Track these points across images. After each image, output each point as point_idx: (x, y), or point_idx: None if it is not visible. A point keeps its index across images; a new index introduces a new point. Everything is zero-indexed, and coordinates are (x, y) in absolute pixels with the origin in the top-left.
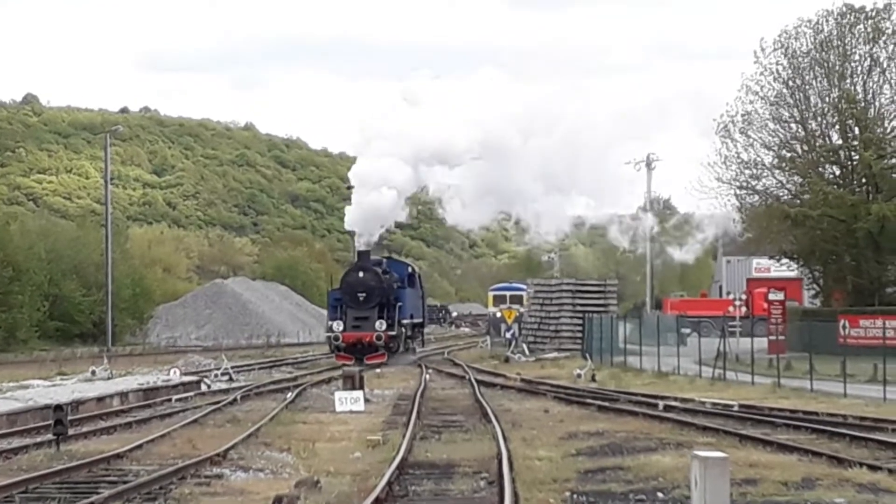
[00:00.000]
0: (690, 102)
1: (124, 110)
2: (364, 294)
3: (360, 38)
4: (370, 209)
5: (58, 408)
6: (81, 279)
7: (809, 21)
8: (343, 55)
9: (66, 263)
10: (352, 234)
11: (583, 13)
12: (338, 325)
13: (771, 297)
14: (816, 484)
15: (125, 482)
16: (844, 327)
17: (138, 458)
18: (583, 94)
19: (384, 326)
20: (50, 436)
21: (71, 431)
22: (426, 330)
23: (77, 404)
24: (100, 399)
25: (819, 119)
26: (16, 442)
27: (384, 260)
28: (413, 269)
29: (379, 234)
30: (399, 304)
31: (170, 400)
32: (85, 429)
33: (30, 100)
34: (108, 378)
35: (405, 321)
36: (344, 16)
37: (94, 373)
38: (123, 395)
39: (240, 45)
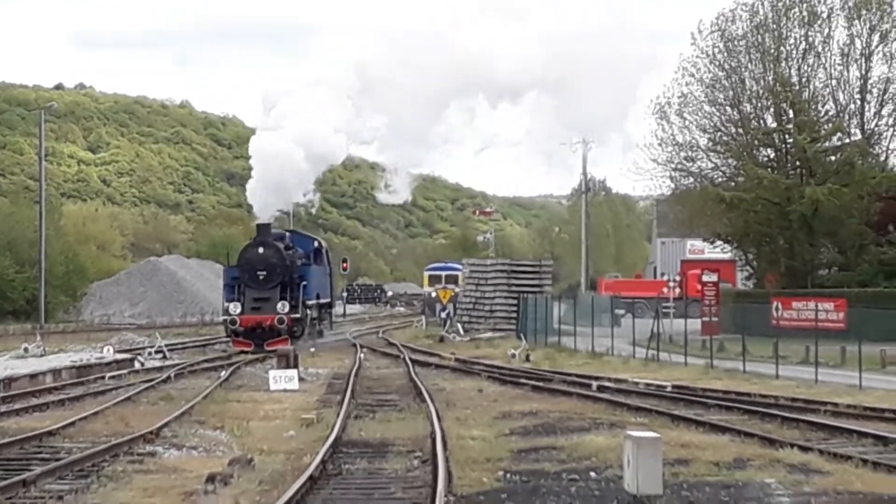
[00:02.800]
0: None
1: (59, 87)
2: (264, 272)
3: (298, 18)
4: (272, 181)
5: None
6: (14, 256)
7: (746, 4)
8: (280, 34)
9: (0, 240)
10: (251, 209)
11: None
12: (235, 308)
13: (705, 278)
14: (748, 464)
15: (57, 459)
16: (777, 309)
17: (71, 435)
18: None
19: (287, 308)
20: None
21: (3, 408)
22: (347, 311)
23: (9, 381)
24: (32, 376)
25: (754, 102)
26: None
27: (287, 234)
28: (320, 244)
29: (282, 208)
30: (304, 282)
31: (103, 377)
32: (17, 406)
33: None
34: (41, 355)
35: (311, 302)
36: None
37: (26, 350)
38: (56, 373)
39: (177, 23)
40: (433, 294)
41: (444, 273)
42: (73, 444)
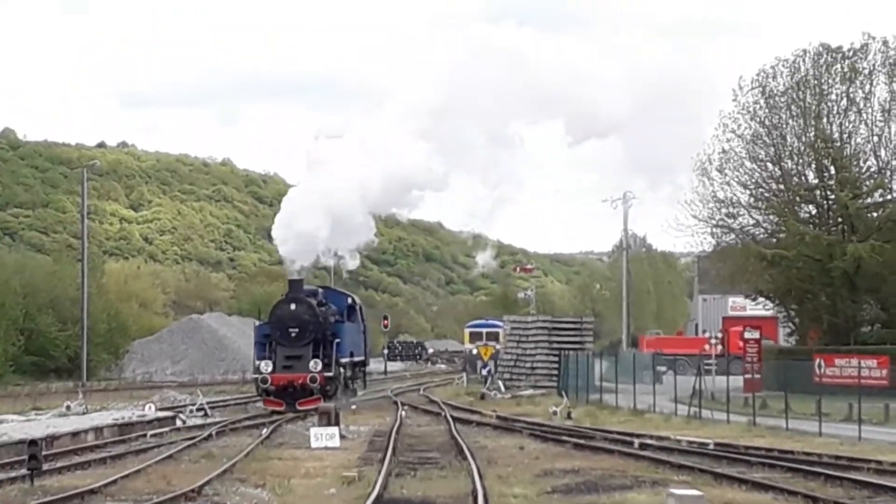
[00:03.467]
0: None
1: (101, 145)
2: (296, 329)
3: (336, 76)
4: (302, 232)
5: (32, 443)
6: (57, 314)
7: (786, 61)
8: (320, 91)
9: (42, 298)
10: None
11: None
12: (266, 366)
13: (747, 335)
14: None
15: None
16: (820, 366)
17: (113, 493)
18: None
19: (319, 367)
20: (24, 471)
21: (45, 466)
22: (369, 368)
23: (52, 439)
24: (74, 434)
25: (795, 158)
26: None
27: (320, 290)
28: (353, 300)
29: (315, 261)
30: (337, 340)
31: (145, 435)
32: (59, 464)
33: (7, 133)
34: (83, 413)
35: (344, 360)
36: (321, 53)
37: (68, 408)
38: (98, 431)
39: (218, 81)
40: (474, 351)
41: (484, 330)
42: (115, 503)
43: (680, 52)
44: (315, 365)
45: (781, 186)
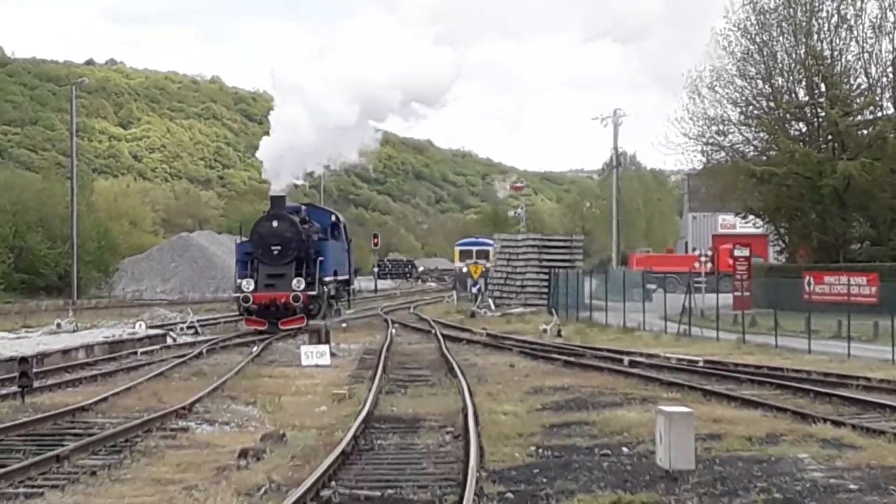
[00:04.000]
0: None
1: (90, 62)
2: (278, 247)
3: None
4: (287, 148)
5: (23, 360)
6: (47, 232)
7: None
8: (312, 7)
9: (32, 216)
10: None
11: None
12: (248, 284)
13: (736, 253)
14: (781, 439)
15: (90, 434)
16: (809, 284)
17: (104, 410)
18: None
19: (303, 285)
20: (15, 388)
21: (36, 384)
22: (354, 287)
23: (42, 357)
24: (65, 352)
25: (786, 76)
26: None
27: (303, 207)
28: (338, 217)
29: (299, 180)
30: (320, 258)
31: (135, 353)
32: (50, 381)
33: None
34: (74, 331)
35: (328, 278)
36: None
37: (59, 325)
38: (89, 348)
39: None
40: (464, 269)
41: (475, 248)
42: (105, 420)
43: None
44: (298, 283)
45: (772, 104)
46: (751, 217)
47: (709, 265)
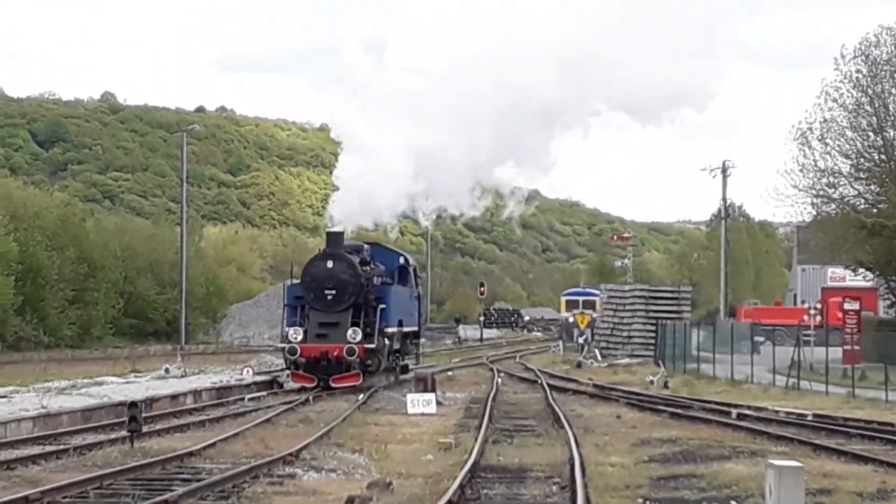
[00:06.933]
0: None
1: (200, 109)
2: (333, 291)
3: None
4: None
5: (132, 405)
6: (156, 277)
7: (890, 28)
8: None
9: (141, 261)
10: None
11: None
12: (295, 334)
13: (846, 306)
14: (891, 495)
15: (198, 480)
16: None
17: (211, 456)
18: None
19: (359, 336)
20: (124, 433)
21: (145, 429)
22: (422, 341)
23: (151, 402)
24: (173, 397)
25: None
26: (90, 438)
27: (366, 246)
28: (407, 260)
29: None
30: (382, 305)
31: (242, 399)
32: (158, 426)
33: (107, 97)
34: (182, 376)
35: (390, 329)
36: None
37: (167, 370)
38: (197, 394)
39: (316, 46)
40: (571, 319)
41: (581, 298)
42: (213, 465)
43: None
44: (354, 334)
45: (883, 156)
46: (861, 270)
47: (818, 318)
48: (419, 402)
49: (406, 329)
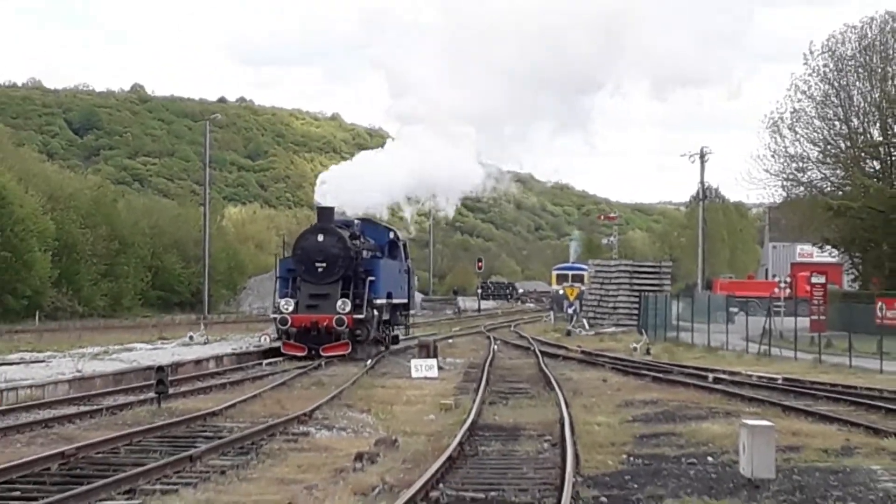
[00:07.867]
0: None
1: (222, 100)
2: (323, 264)
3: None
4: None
5: (159, 369)
6: (181, 253)
7: (855, 27)
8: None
9: (168, 238)
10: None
11: None
12: (287, 305)
13: (813, 280)
14: (855, 452)
15: (220, 437)
16: (881, 309)
17: (232, 415)
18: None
19: (349, 307)
20: (152, 394)
21: (171, 391)
22: (412, 312)
23: (176, 366)
24: (197, 362)
25: (861, 117)
26: (121, 399)
27: (357, 221)
28: (396, 234)
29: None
30: (371, 278)
31: (260, 364)
32: (183, 388)
33: (137, 89)
34: (205, 343)
35: (379, 301)
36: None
37: (191, 338)
38: (218, 359)
39: (327, 41)
40: (561, 291)
41: (571, 272)
42: (233, 424)
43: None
44: (343, 305)
45: (848, 143)
46: (827, 247)
47: (787, 291)
48: (422, 367)
49: (395, 301)
